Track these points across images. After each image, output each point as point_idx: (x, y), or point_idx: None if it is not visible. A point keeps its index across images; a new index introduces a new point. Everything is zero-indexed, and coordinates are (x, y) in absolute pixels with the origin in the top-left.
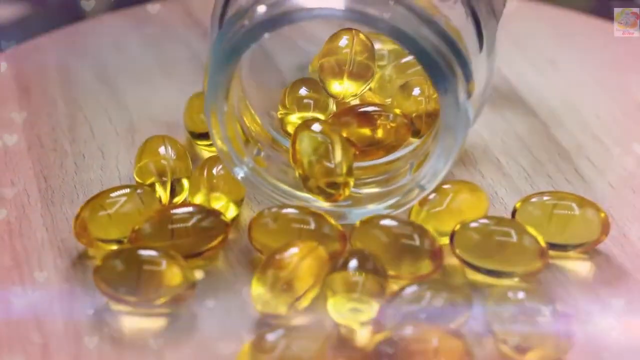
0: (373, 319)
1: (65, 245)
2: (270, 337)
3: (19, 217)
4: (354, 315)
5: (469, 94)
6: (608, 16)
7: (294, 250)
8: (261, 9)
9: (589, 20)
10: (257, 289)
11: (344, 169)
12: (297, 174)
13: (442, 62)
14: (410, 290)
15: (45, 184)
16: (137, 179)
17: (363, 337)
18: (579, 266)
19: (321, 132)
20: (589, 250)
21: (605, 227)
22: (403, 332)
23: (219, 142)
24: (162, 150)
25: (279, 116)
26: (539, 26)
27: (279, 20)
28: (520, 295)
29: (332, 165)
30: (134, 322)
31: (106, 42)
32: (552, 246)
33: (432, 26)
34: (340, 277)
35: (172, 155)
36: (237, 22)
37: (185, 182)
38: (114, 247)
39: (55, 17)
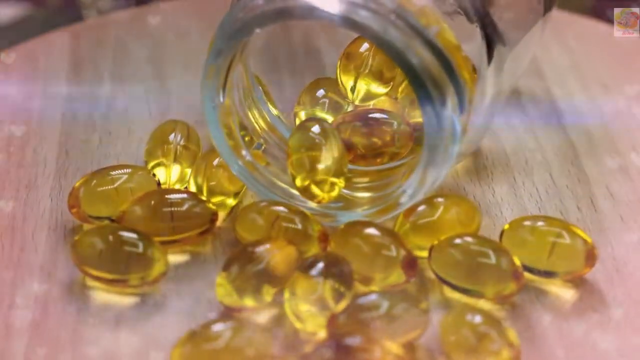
0: (327, 322)
1: (63, 218)
2: (214, 327)
3: (29, 185)
4: (308, 318)
5: (461, 109)
6: (608, 16)
7: (263, 246)
8: (259, 1)
9: None
10: (221, 280)
11: (332, 171)
12: (289, 171)
13: (428, 79)
14: (368, 298)
15: (65, 155)
16: (145, 161)
17: (311, 338)
18: (562, 294)
19: (318, 131)
20: (574, 279)
21: (590, 259)
22: (346, 339)
23: (213, 131)
24: (171, 135)
25: (294, 112)
26: (598, 47)
27: (271, 17)
28: (477, 319)
29: (322, 166)
30: (103, 296)
31: (169, 26)
32: (537, 272)
33: (424, 39)
34: (302, 279)
35: (180, 141)
36: (239, 10)
37: (189, 170)
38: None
39: (55, 17)
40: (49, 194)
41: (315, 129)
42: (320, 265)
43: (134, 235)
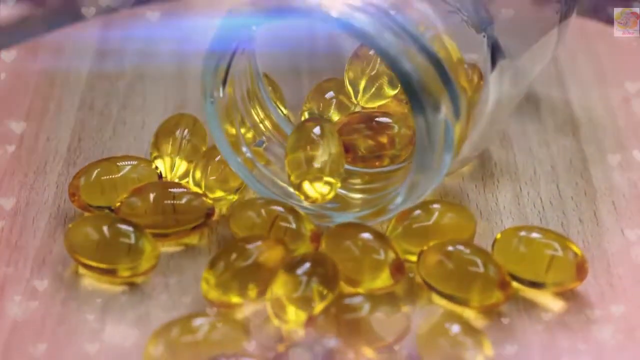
0: (305, 322)
1: (65, 205)
2: (190, 321)
3: (37, 171)
4: (289, 316)
5: (456, 116)
6: (608, 17)
7: (252, 244)
8: None
9: None
10: (207, 276)
11: (328, 171)
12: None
13: (421, 86)
14: (349, 300)
15: (77, 143)
16: (150, 153)
17: (290, 337)
18: (552, 306)
19: (317, 131)
20: (564, 292)
21: (581, 272)
22: (322, 341)
23: (211, 126)
24: (178, 130)
25: (300, 112)
26: (624, 58)
27: (268, 16)
28: (454, 327)
29: (318, 165)
30: (93, 283)
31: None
32: (525, 282)
33: (419, 45)
34: (285, 277)
35: (186, 135)
36: (240, 6)
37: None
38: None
39: (56, 17)
40: (56, 181)
41: (314, 128)
42: (306, 265)
43: (126, 227)
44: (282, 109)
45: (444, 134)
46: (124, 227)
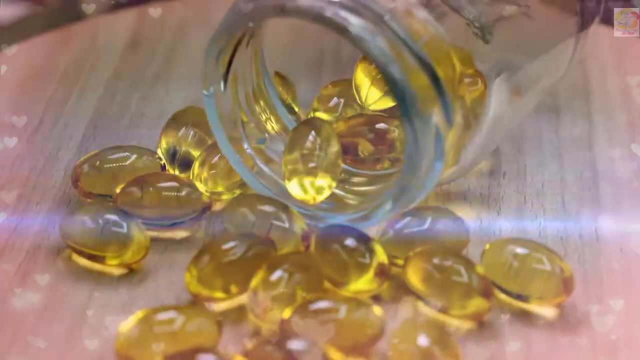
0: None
1: (70, 192)
2: (165, 313)
3: (50, 156)
4: (266, 314)
5: (448, 122)
6: (608, 17)
7: (239, 240)
8: None
9: None
10: (191, 268)
11: (323, 172)
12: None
13: (409, 94)
14: (324, 302)
15: (92, 131)
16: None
17: (265, 335)
18: (537, 319)
19: (315, 131)
20: (551, 305)
21: (567, 287)
22: (291, 341)
23: (210, 120)
24: (187, 121)
25: (308, 112)
26: None
27: (265, 13)
28: (422, 338)
29: (313, 165)
30: (84, 266)
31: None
32: (511, 294)
33: (411, 51)
34: (266, 276)
35: (193, 128)
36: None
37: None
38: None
39: (56, 16)
40: (65, 167)
41: (314, 128)
42: (288, 264)
43: (118, 216)
44: (295, 107)
45: (434, 141)
46: (116, 216)
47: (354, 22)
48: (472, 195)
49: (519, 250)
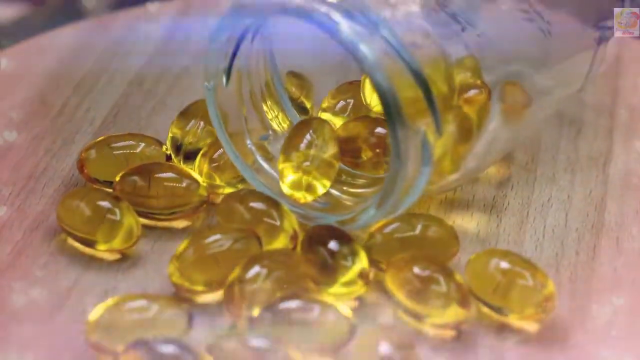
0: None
1: (79, 176)
2: (134, 301)
3: (66, 139)
4: (239, 311)
5: (437, 130)
6: None
7: (225, 234)
8: None
9: None
10: (174, 260)
11: (318, 171)
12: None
13: (396, 104)
14: (296, 302)
15: (113, 117)
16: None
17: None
18: (518, 334)
19: (314, 131)
20: (530, 320)
21: (548, 305)
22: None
23: (210, 113)
24: (198, 114)
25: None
26: None
27: (264, 13)
28: (384, 349)
29: (308, 164)
30: (74, 252)
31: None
32: (491, 307)
33: (403, 59)
34: (243, 272)
35: (202, 120)
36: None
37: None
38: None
39: (56, 16)
40: (79, 150)
41: (312, 128)
42: (267, 261)
43: (112, 203)
44: (307, 106)
45: (420, 150)
46: (110, 203)
47: (345, 25)
48: (476, 205)
49: (503, 264)
